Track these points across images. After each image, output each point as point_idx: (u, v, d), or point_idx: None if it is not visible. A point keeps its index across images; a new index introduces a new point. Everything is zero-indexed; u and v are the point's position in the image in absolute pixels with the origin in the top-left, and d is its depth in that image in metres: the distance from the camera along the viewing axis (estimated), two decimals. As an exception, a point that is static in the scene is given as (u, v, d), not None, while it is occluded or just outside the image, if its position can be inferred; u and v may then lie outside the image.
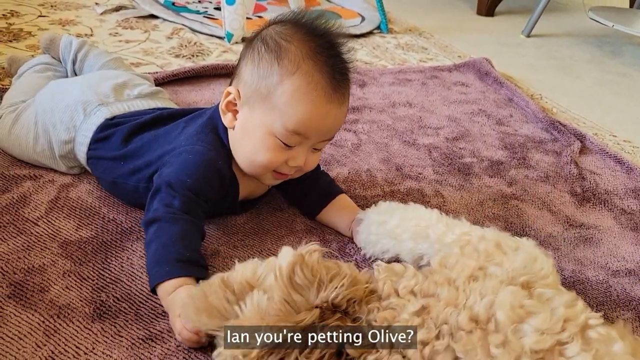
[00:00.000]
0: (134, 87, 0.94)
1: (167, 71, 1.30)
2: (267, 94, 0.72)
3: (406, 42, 1.90)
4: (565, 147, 1.25)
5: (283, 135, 0.73)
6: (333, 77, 0.72)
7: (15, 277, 0.69)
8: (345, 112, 0.77)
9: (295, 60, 0.71)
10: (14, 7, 1.60)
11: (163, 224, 0.69)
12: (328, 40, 0.73)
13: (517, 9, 2.56)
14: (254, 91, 0.73)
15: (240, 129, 0.76)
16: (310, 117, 0.71)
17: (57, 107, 0.87)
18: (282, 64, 0.71)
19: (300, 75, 0.71)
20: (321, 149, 0.79)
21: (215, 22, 1.72)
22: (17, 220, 0.78)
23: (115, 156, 0.82)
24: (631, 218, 1.03)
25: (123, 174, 0.81)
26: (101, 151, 0.84)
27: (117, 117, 0.86)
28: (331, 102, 0.72)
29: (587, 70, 1.90)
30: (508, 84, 1.55)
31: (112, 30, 1.56)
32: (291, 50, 0.71)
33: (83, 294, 0.68)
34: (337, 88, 0.73)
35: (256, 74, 0.73)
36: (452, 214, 0.95)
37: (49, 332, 0.62)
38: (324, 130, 0.75)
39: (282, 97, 0.71)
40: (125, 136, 0.83)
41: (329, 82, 0.71)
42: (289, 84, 0.71)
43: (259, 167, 0.76)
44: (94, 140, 0.84)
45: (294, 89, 0.71)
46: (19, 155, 0.90)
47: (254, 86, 0.73)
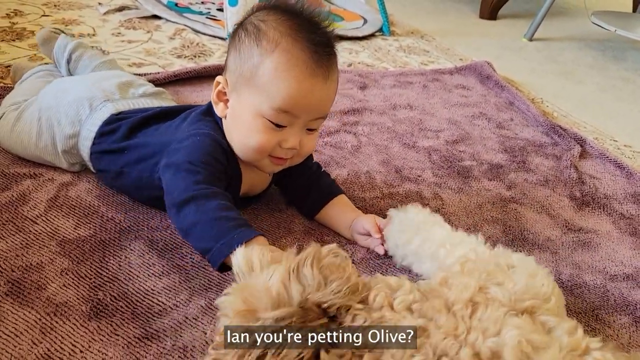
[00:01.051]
0: (139, 86, 0.96)
1: (169, 71, 1.31)
2: (250, 76, 0.73)
3: (408, 44, 1.90)
4: (565, 151, 1.25)
5: (271, 115, 0.73)
6: (314, 51, 0.72)
7: (13, 275, 0.69)
8: (334, 86, 0.77)
9: (273, 39, 0.72)
10: (18, 7, 1.61)
11: (202, 200, 0.68)
12: (305, 18, 0.74)
13: (520, 12, 2.56)
14: (238, 76, 0.74)
15: (231, 117, 0.77)
16: (294, 94, 0.71)
17: (62, 102, 0.88)
18: (261, 45, 0.72)
19: (280, 53, 0.71)
20: (316, 129, 0.79)
21: (218, 23, 1.72)
22: (16, 218, 0.79)
23: (120, 147, 0.83)
24: (630, 223, 1.02)
25: (128, 163, 0.82)
26: (105, 145, 0.85)
27: (123, 112, 0.87)
28: (315, 77, 0.72)
29: (589, 75, 1.90)
30: (509, 87, 1.55)
31: (115, 30, 1.57)
32: (269, 31, 0.73)
33: (80, 292, 0.68)
34: (320, 62, 0.72)
35: (239, 59, 0.74)
36: (450, 217, 0.96)
37: (46, 330, 0.62)
38: (312, 107, 0.74)
39: (264, 77, 0.72)
40: (130, 128, 0.84)
41: (310, 56, 0.72)
42: (269, 63, 0.71)
43: (253, 152, 0.76)
44: (99, 134, 0.85)
45: (274, 66, 0.71)
46: (22, 152, 0.91)
47: (238, 71, 0.74)
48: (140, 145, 0.82)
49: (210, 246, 0.66)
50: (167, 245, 0.78)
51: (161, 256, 0.76)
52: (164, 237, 0.79)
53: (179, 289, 0.71)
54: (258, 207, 0.89)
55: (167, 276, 0.73)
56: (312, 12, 0.75)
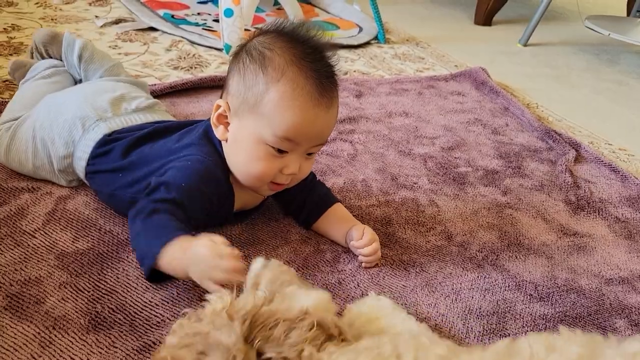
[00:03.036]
0: (131, 100, 0.94)
1: (165, 83, 1.32)
2: (255, 103, 0.73)
3: (403, 52, 1.91)
4: (560, 156, 1.26)
5: (274, 142, 0.74)
6: (319, 81, 0.73)
7: (11, 289, 0.69)
8: (334, 115, 0.78)
9: (279, 67, 0.72)
10: (15, 21, 1.62)
11: (151, 212, 0.70)
12: (311, 46, 0.75)
13: (514, 18, 2.57)
14: (241, 102, 0.75)
15: (232, 141, 0.77)
16: (298, 123, 0.72)
17: (56, 122, 0.88)
18: (267, 72, 0.73)
19: (286, 82, 0.72)
20: (314, 153, 0.80)
21: (214, 34, 1.73)
22: (14, 233, 0.79)
23: (114, 168, 0.83)
24: (625, 226, 1.03)
25: (121, 186, 0.82)
26: (100, 166, 0.85)
27: (116, 132, 0.87)
28: (319, 106, 0.73)
29: (583, 78, 1.92)
30: (504, 93, 1.56)
31: (112, 42, 1.58)
32: (275, 58, 0.73)
33: (78, 306, 0.69)
34: (324, 92, 0.74)
35: (242, 84, 0.75)
36: (446, 224, 0.96)
37: (45, 344, 0.63)
38: (314, 135, 0.75)
39: (269, 105, 0.72)
40: (124, 150, 0.84)
41: (314, 86, 0.73)
42: (274, 91, 0.72)
43: (254, 179, 0.77)
44: (93, 155, 0.85)
45: (280, 95, 0.72)
46: (19, 170, 0.91)
47: (241, 97, 0.75)
48: (134, 166, 0.82)
49: (145, 251, 0.68)
50: (164, 256, 0.78)
51: (159, 268, 0.76)
52: (161, 248, 0.80)
53: (176, 301, 0.71)
54: (255, 217, 0.90)
55: (165, 288, 0.73)
56: (316, 40, 0.76)
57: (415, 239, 0.91)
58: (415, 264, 0.85)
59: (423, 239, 0.91)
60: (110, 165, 0.84)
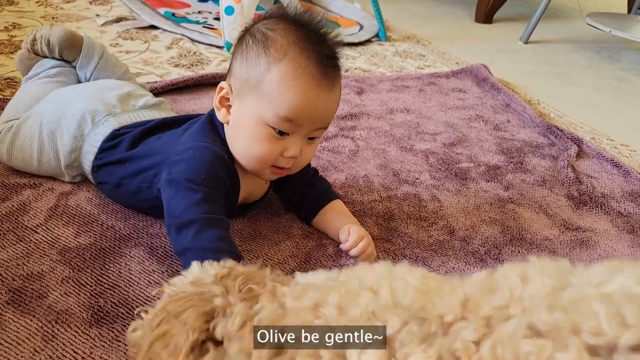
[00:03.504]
0: (138, 97, 0.95)
1: (167, 80, 1.32)
2: (257, 83, 0.74)
3: (404, 49, 1.91)
4: (562, 152, 1.26)
5: (275, 123, 0.73)
6: (320, 62, 0.73)
7: (14, 284, 0.69)
8: (336, 99, 0.78)
9: (281, 48, 0.73)
10: (16, 20, 1.62)
11: (200, 227, 0.69)
12: (313, 29, 0.75)
13: (515, 15, 2.57)
14: (243, 82, 0.75)
15: (233, 123, 0.78)
16: (300, 103, 0.72)
17: (64, 116, 0.88)
18: (269, 53, 0.73)
19: (288, 62, 0.72)
20: (316, 138, 0.80)
21: (215, 31, 1.73)
22: (16, 228, 0.79)
23: (120, 159, 0.84)
24: (627, 221, 1.03)
25: (128, 175, 0.82)
26: (107, 158, 0.85)
27: (124, 127, 0.87)
28: (320, 87, 0.73)
29: (584, 75, 1.91)
30: (505, 89, 1.56)
31: (113, 41, 1.58)
32: (277, 39, 0.74)
33: (81, 300, 0.69)
34: (325, 73, 0.74)
35: (245, 65, 0.75)
36: (448, 219, 0.96)
37: (47, 338, 0.63)
38: (315, 117, 0.75)
39: (270, 85, 0.73)
40: (132, 142, 0.84)
41: (316, 67, 0.73)
42: (276, 71, 0.72)
43: (255, 162, 0.77)
44: (101, 149, 0.85)
45: (281, 75, 0.72)
46: (23, 168, 0.91)
47: (243, 78, 0.75)
48: (141, 156, 0.82)
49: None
50: (167, 252, 0.78)
51: (161, 263, 0.76)
52: (163, 244, 0.80)
53: (179, 295, 0.71)
54: (257, 212, 0.90)
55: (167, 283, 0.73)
56: (320, 24, 0.76)
57: (417, 234, 0.91)
58: (418, 259, 0.85)
59: (425, 234, 0.91)
60: (117, 157, 0.84)
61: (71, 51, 1.04)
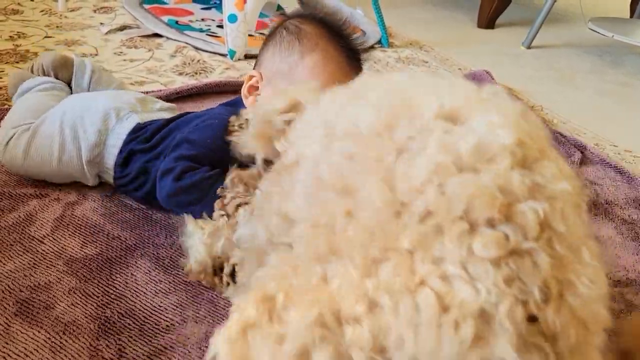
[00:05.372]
0: (154, 102, 1.00)
1: (171, 89, 1.32)
2: (289, 70, 0.83)
3: (407, 55, 1.92)
4: (565, 158, 1.26)
5: None
6: (347, 55, 0.84)
7: (21, 295, 0.70)
8: None
9: (313, 39, 0.84)
10: (21, 29, 1.63)
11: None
12: (339, 28, 0.87)
13: (517, 21, 2.58)
14: (275, 71, 0.85)
15: None
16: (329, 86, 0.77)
17: (88, 112, 0.90)
18: (302, 43, 0.84)
19: (319, 51, 0.83)
20: None
21: (218, 39, 1.74)
22: (23, 239, 0.80)
23: (144, 148, 0.87)
24: (632, 228, 1.03)
25: (152, 158, 0.85)
26: (132, 147, 0.88)
27: (147, 122, 0.91)
28: (347, 76, 0.79)
29: (587, 80, 1.91)
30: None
31: (117, 49, 1.59)
32: (309, 31, 0.85)
33: (88, 311, 0.69)
34: (352, 65, 0.85)
35: (278, 54, 0.85)
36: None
37: (55, 349, 0.63)
38: None
39: (303, 72, 0.82)
40: (155, 130, 0.88)
41: (344, 58, 0.84)
42: (309, 60, 0.83)
43: None
44: (126, 141, 0.88)
45: (313, 63, 0.83)
46: (38, 171, 0.89)
47: (275, 66, 0.84)
48: (162, 141, 0.85)
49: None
50: (173, 262, 0.79)
51: (167, 273, 0.77)
52: (169, 254, 0.80)
53: (185, 305, 0.72)
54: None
55: (174, 292, 0.73)
56: (344, 25, 0.89)
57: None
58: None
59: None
60: (142, 146, 0.87)
61: (64, 70, 1.08)
